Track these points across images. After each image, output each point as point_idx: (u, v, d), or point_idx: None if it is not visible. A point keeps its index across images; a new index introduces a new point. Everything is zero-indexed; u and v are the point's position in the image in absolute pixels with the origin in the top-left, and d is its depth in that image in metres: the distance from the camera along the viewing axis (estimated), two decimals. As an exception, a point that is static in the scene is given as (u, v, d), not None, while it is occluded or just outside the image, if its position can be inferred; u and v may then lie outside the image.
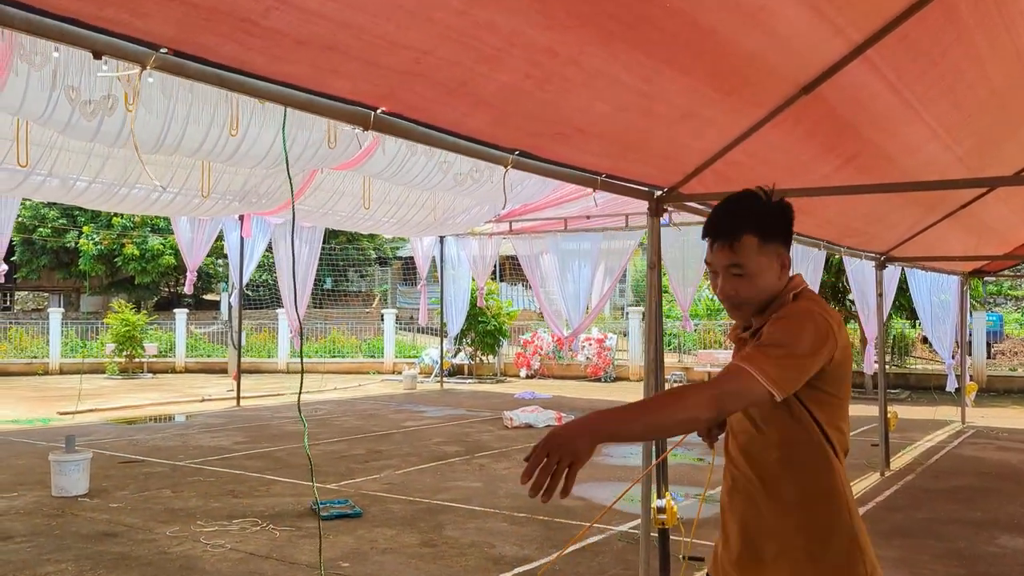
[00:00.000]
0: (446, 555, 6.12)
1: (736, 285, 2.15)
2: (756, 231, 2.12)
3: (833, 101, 4.31)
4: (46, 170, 9.83)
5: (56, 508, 7.46)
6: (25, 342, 24.49)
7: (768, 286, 2.15)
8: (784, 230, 2.19)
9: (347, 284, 34.62)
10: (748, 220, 2.14)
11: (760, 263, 2.13)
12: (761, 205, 2.16)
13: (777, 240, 2.16)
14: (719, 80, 3.52)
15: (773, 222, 2.17)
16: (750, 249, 2.12)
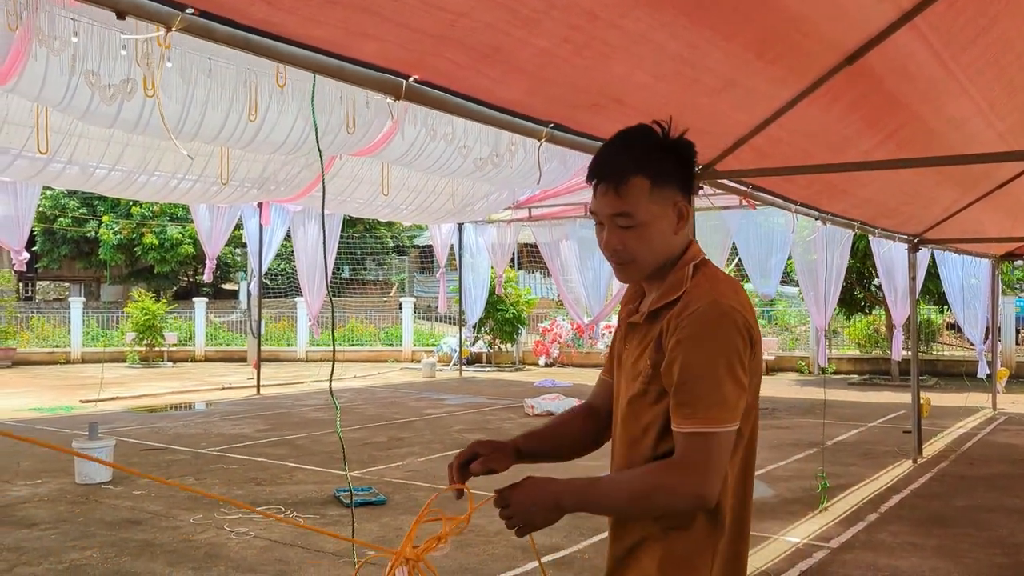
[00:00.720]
0: (473, 543, 6.02)
1: (623, 238, 1.79)
2: (647, 172, 1.75)
3: (878, 71, 4.14)
4: (66, 157, 9.79)
5: (80, 495, 7.42)
6: (47, 331, 24.62)
7: (662, 242, 1.79)
8: (682, 172, 1.81)
9: (365, 273, 34.59)
10: (638, 159, 1.76)
11: (651, 211, 1.77)
12: (655, 141, 1.79)
13: (672, 184, 1.78)
14: (764, 46, 3.36)
15: (668, 161, 1.79)
16: (639, 194, 1.75)
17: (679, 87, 3.54)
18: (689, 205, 1.83)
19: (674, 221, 1.79)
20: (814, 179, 5.51)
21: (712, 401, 1.66)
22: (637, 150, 1.78)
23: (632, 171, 1.75)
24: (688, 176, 1.82)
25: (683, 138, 1.82)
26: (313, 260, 15.65)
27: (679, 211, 1.79)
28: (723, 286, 1.76)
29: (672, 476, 1.67)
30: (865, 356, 21.05)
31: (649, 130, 1.80)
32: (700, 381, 1.67)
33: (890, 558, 5.70)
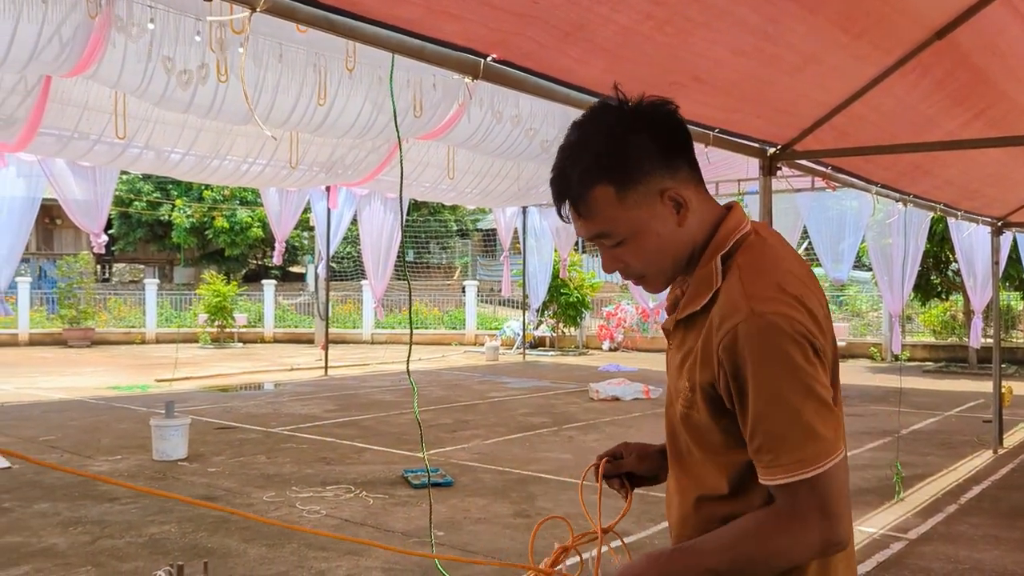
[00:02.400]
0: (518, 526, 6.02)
1: (617, 256, 1.47)
2: (606, 176, 1.38)
3: (967, 48, 3.97)
4: (142, 142, 10.05)
5: (157, 471, 7.65)
6: (123, 312, 25.43)
7: (664, 245, 1.44)
8: (662, 147, 1.41)
9: (429, 256, 34.87)
10: (589, 164, 1.39)
11: (631, 220, 1.41)
12: (607, 126, 1.40)
13: (649, 172, 1.39)
14: (849, 21, 3.24)
15: (635, 145, 1.39)
16: (606, 206, 1.40)
17: (759, 64, 3.45)
18: (688, 184, 1.43)
19: (670, 215, 1.42)
20: (896, 159, 5.33)
21: (795, 442, 1.31)
22: (586, 151, 1.41)
23: (588, 182, 1.39)
24: (673, 146, 1.43)
25: (649, 102, 1.42)
26: (379, 243, 15.81)
27: (672, 200, 1.42)
28: (760, 283, 1.37)
29: (790, 532, 1.33)
30: (941, 343, 20.46)
31: (602, 113, 1.43)
32: (770, 421, 1.32)
33: (971, 551, 5.53)
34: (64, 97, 8.98)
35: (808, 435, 1.31)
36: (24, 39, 6.48)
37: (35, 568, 5.06)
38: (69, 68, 7.13)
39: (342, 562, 5.20)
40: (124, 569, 5.06)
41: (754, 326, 1.33)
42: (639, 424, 10.57)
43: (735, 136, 4.18)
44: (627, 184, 1.39)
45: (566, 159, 1.43)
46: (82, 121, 9.36)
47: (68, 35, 6.62)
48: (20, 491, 6.88)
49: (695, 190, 1.45)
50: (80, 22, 6.59)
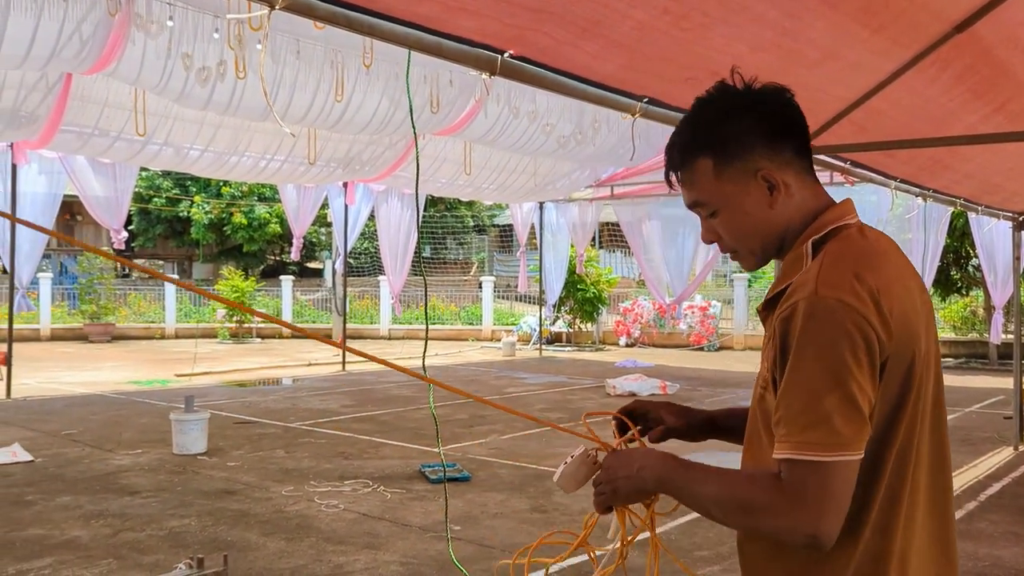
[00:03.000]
0: (557, 521, 6.04)
1: (710, 227, 1.54)
2: (709, 149, 1.46)
3: (988, 41, 3.93)
4: (162, 139, 10.13)
5: (177, 465, 7.72)
6: (143, 308, 25.64)
7: (754, 223, 1.49)
8: (765, 131, 1.46)
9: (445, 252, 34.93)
10: (697, 135, 1.48)
11: (723, 192, 1.47)
12: (720, 105, 1.48)
13: (748, 151, 1.45)
14: (868, 15, 3.23)
15: (740, 125, 1.46)
16: (704, 177, 1.48)
17: (777, 58, 3.43)
18: (788, 170, 1.46)
19: (762, 196, 1.46)
20: (916, 154, 5.29)
21: (807, 422, 1.30)
22: (698, 125, 1.49)
23: (692, 152, 1.49)
24: (778, 131, 1.46)
25: (766, 86, 1.48)
26: (396, 239, 15.87)
27: (766, 181, 1.45)
28: (838, 269, 1.37)
29: (782, 502, 1.33)
30: (961, 339, 20.29)
31: (719, 94, 1.50)
32: (792, 396, 1.33)
33: (991, 548, 5.49)
34: (85, 94, 9.08)
35: (822, 421, 1.30)
36: (45, 37, 6.55)
37: (58, 560, 5.13)
38: (89, 65, 7.21)
39: (360, 556, 5.23)
40: (145, 562, 5.11)
41: (812, 306, 1.33)
42: (656, 420, 10.54)
43: (752, 131, 4.16)
44: (725, 159, 1.46)
45: (679, 131, 1.53)
46: (102, 118, 9.46)
47: (88, 32, 6.68)
48: (43, 484, 6.97)
49: (797, 177, 1.48)
50: (100, 20, 6.66)
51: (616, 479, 1.55)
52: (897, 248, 1.51)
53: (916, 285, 1.47)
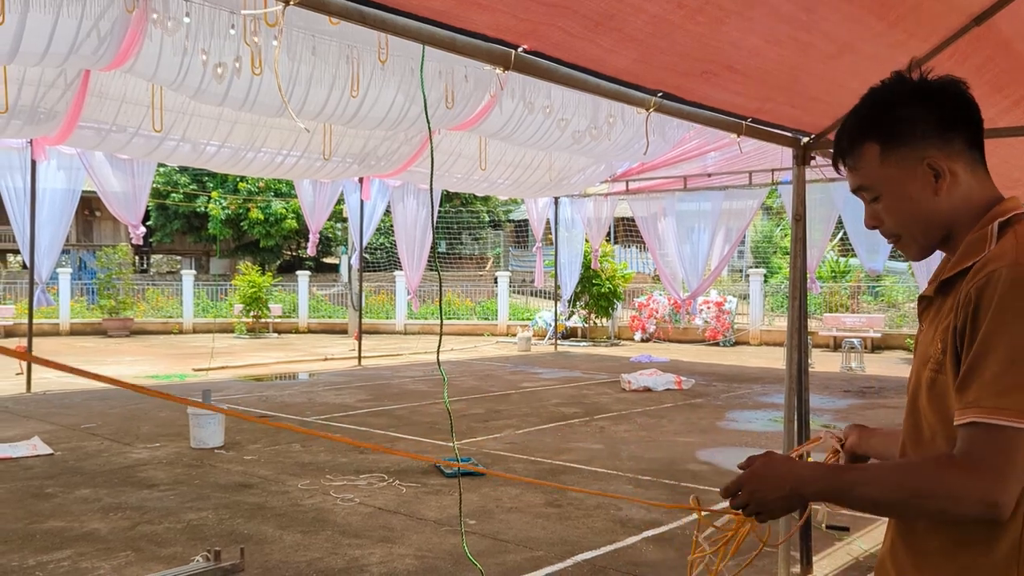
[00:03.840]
0: (572, 516, 6.04)
1: (874, 212, 1.57)
2: (875, 134, 1.51)
3: (1007, 34, 3.89)
4: (179, 135, 10.18)
5: (195, 459, 7.78)
6: (161, 303, 25.83)
7: (918, 210, 1.51)
8: (934, 120, 1.48)
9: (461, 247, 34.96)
10: (863, 121, 1.52)
11: (888, 177, 1.51)
12: (890, 93, 1.51)
13: (915, 139, 1.48)
14: (884, 8, 3.20)
15: (904, 115, 1.48)
16: (870, 162, 1.52)
17: (792, 52, 3.41)
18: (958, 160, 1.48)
19: (927, 182, 1.48)
20: (933, 148, 5.24)
21: (1004, 386, 1.28)
22: (866, 111, 1.53)
23: (859, 138, 1.53)
24: (948, 121, 1.48)
25: (940, 78, 1.51)
26: (412, 234, 15.91)
27: (932, 168, 1.47)
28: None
29: (953, 475, 1.31)
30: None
31: (892, 83, 1.52)
32: (988, 359, 1.30)
33: None
34: (103, 91, 9.14)
35: (1010, 386, 1.28)
36: (64, 33, 6.60)
37: (77, 552, 5.19)
38: (107, 62, 7.26)
39: (375, 549, 5.26)
40: (163, 554, 5.16)
41: (1012, 273, 1.34)
42: (671, 415, 10.54)
43: (768, 125, 4.14)
44: (891, 144, 1.50)
45: (847, 118, 1.56)
46: (120, 114, 9.52)
47: (106, 29, 6.73)
48: (63, 477, 7.04)
49: (966, 168, 1.50)
50: (118, 16, 6.70)
51: (764, 492, 1.50)
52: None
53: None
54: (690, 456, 8.09)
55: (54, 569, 4.90)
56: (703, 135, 12.06)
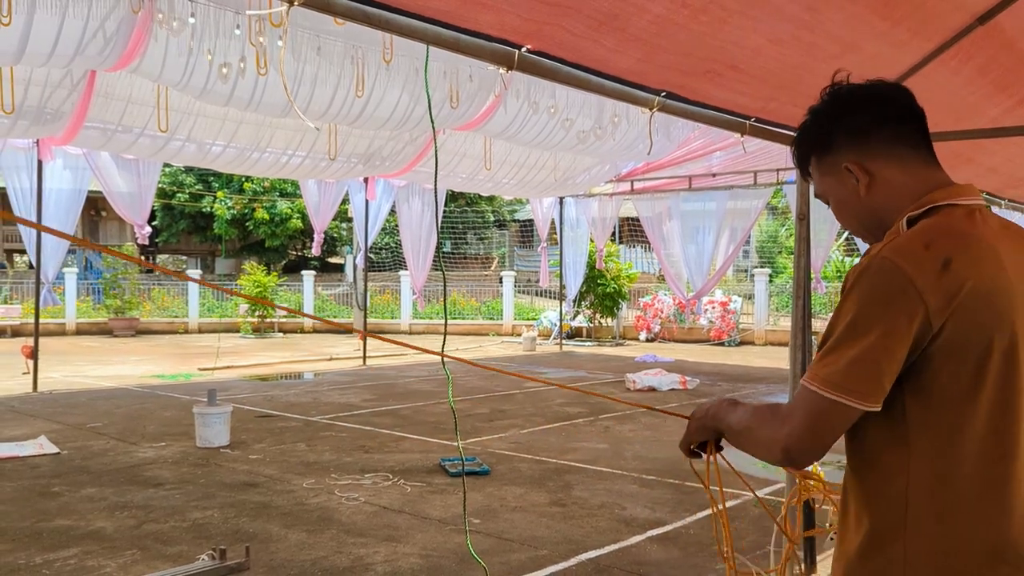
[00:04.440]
0: (576, 515, 6.05)
1: (833, 214, 1.70)
2: (810, 148, 1.64)
3: (1011, 33, 3.89)
4: (184, 135, 10.21)
5: (201, 458, 7.80)
6: (167, 302, 25.89)
7: (855, 210, 1.61)
8: (842, 129, 1.58)
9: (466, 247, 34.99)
10: (803, 136, 1.66)
11: (828, 185, 1.63)
12: (817, 108, 1.62)
13: (833, 148, 1.59)
14: (888, 7, 3.20)
15: (825, 125, 1.60)
16: (815, 172, 1.65)
17: (796, 52, 3.41)
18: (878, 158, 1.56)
19: (853, 184, 1.58)
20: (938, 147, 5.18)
21: (823, 358, 1.44)
22: (804, 126, 1.65)
23: (801, 151, 1.66)
24: (861, 124, 1.57)
25: (860, 84, 1.60)
26: (418, 234, 15.93)
27: (851, 171, 1.57)
28: (914, 238, 1.45)
29: (773, 422, 1.50)
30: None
31: (822, 97, 1.62)
32: (829, 336, 1.46)
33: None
34: (108, 91, 9.17)
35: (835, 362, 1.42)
36: (70, 34, 6.63)
37: (83, 551, 5.21)
38: (113, 62, 7.29)
39: (380, 548, 5.27)
40: (168, 553, 5.18)
41: (870, 263, 1.44)
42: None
43: (772, 125, 4.14)
44: (820, 154, 1.63)
45: (797, 132, 1.70)
46: (126, 115, 9.55)
47: (112, 30, 6.76)
48: (69, 476, 7.07)
49: (889, 165, 1.57)
50: (123, 17, 6.73)
51: (688, 431, 1.84)
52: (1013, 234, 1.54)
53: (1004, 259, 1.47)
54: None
55: (61, 567, 4.92)
56: (708, 135, 12.06)
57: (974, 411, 1.42)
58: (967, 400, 1.42)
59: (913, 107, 1.62)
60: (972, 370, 1.41)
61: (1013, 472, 1.44)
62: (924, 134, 1.62)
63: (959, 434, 1.43)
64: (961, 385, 1.41)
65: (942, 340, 1.39)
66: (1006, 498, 1.43)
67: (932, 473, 1.44)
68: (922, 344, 1.40)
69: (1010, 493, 1.43)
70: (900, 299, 1.39)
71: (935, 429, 1.43)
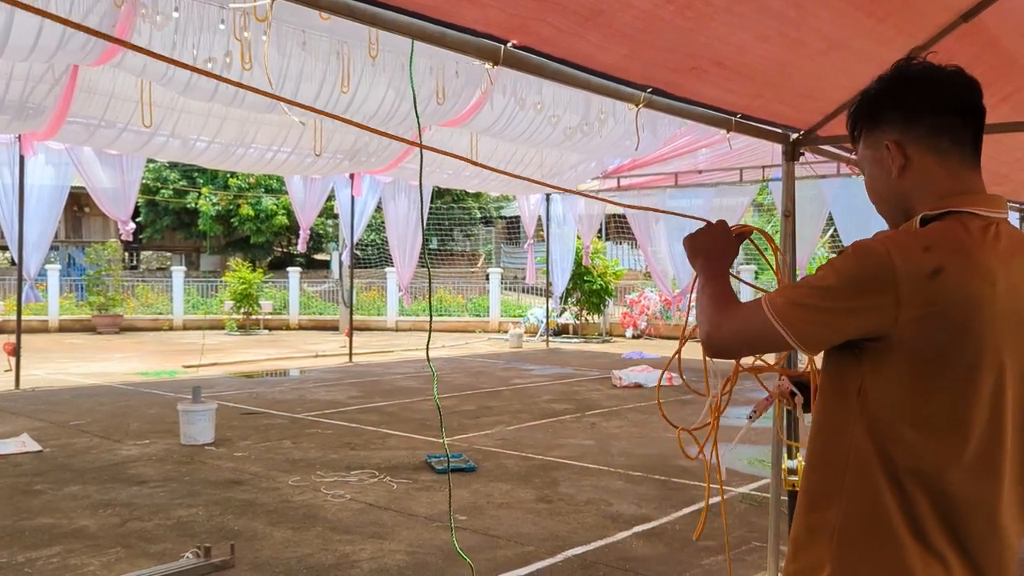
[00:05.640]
0: (562, 511, 6.05)
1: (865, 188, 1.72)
2: (862, 117, 1.63)
3: (994, 31, 3.91)
4: (168, 130, 10.14)
5: (185, 455, 7.76)
6: (151, 299, 25.74)
7: (881, 188, 1.61)
8: (900, 104, 1.56)
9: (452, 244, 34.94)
10: (858, 107, 1.65)
11: (866, 159, 1.63)
12: (877, 82, 1.62)
13: (885, 121, 1.58)
14: (873, 4, 3.21)
15: (880, 101, 1.59)
16: (860, 143, 1.64)
17: (781, 48, 3.42)
18: (919, 144, 1.55)
19: (888, 163, 1.57)
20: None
21: (787, 290, 1.55)
22: (861, 97, 1.65)
23: (853, 120, 1.66)
24: (915, 107, 1.55)
25: (921, 64, 1.59)
26: (404, 231, 15.89)
27: (893, 151, 1.55)
28: (916, 237, 1.48)
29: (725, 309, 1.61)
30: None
31: (887, 71, 1.62)
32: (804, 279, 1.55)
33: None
34: (91, 86, 9.09)
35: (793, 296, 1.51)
36: (52, 28, 6.57)
37: (66, 549, 5.17)
38: (96, 57, 7.23)
39: (366, 545, 5.26)
40: (152, 551, 5.15)
41: (869, 245, 1.48)
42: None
43: (758, 121, 4.15)
44: (868, 127, 1.62)
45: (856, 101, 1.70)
46: (109, 109, 9.47)
47: (94, 24, 6.68)
48: (51, 474, 7.02)
49: (926, 154, 1.56)
50: (106, 11, 6.66)
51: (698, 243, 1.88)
52: (1017, 247, 1.52)
53: (999, 272, 1.47)
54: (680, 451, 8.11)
55: (43, 566, 4.88)
56: (694, 132, 12.09)
57: (937, 416, 1.47)
58: (930, 402, 1.46)
59: (972, 102, 1.59)
60: (933, 375, 1.45)
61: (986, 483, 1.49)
62: (975, 134, 1.59)
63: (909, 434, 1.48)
64: (921, 389, 1.45)
65: (907, 340, 1.43)
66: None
67: (877, 451, 1.49)
68: (884, 331, 1.44)
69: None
70: (879, 289, 1.42)
71: (881, 425, 1.49)
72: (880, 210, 1.66)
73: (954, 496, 1.46)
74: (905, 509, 1.47)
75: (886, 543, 1.47)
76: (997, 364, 1.46)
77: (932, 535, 1.46)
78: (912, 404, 1.46)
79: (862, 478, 1.50)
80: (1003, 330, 1.45)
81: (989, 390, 1.46)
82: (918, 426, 1.46)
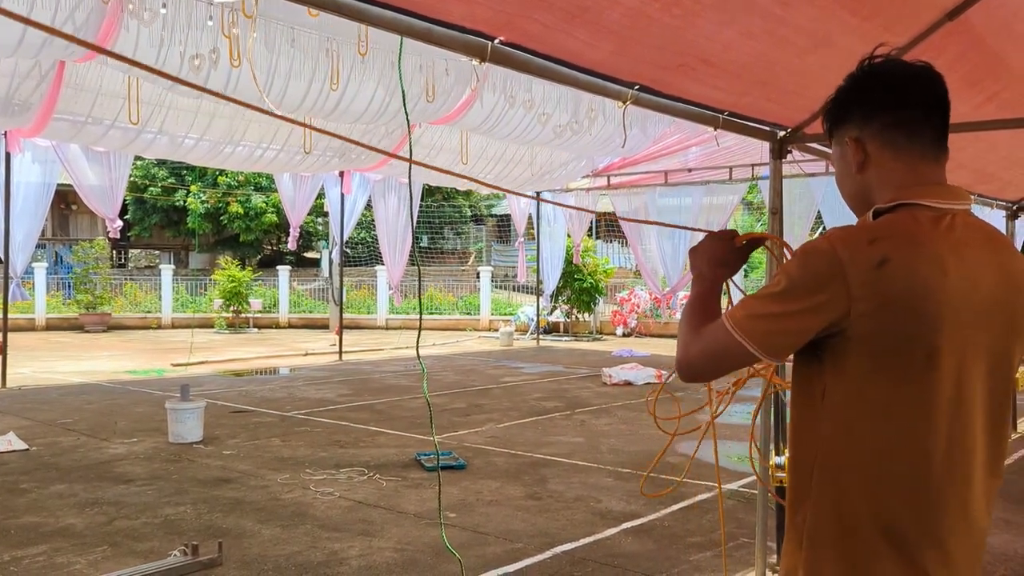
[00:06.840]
0: (552, 508, 6.06)
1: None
2: (829, 116, 1.66)
3: (980, 29, 3.93)
4: (156, 128, 10.10)
5: (173, 454, 7.73)
6: (139, 297, 25.62)
7: (849, 189, 1.64)
8: (855, 104, 1.59)
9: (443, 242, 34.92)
10: (829, 104, 1.67)
11: (834, 155, 1.66)
12: (845, 80, 1.63)
13: (845, 121, 1.61)
14: (859, 2, 3.22)
15: (844, 98, 1.61)
16: (832, 138, 1.67)
17: (768, 46, 3.43)
18: (877, 140, 1.56)
19: (849, 159, 1.59)
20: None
21: (744, 304, 1.56)
22: (837, 89, 1.65)
23: (825, 119, 1.68)
24: (874, 103, 1.56)
25: (884, 61, 1.59)
26: (394, 229, 15.87)
27: (852, 147, 1.58)
28: (862, 231, 1.50)
29: (697, 333, 1.61)
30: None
31: (857, 66, 1.62)
32: (760, 289, 1.59)
33: (982, 535, 5.52)
34: (78, 82, 9.05)
35: (751, 308, 1.53)
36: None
37: (52, 547, 5.15)
38: (82, 53, 7.19)
39: (355, 543, 5.25)
40: (140, 549, 5.13)
41: (814, 244, 1.50)
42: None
43: (745, 119, 4.16)
44: (835, 124, 1.64)
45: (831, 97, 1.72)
46: (96, 106, 9.43)
47: (81, 20, 6.66)
48: (38, 473, 6.98)
49: (883, 149, 1.57)
50: (93, 7, 6.64)
51: (696, 256, 1.84)
52: (984, 242, 1.53)
53: (989, 282, 1.49)
54: (669, 449, 8.12)
55: (29, 564, 4.86)
56: (683, 130, 12.11)
57: (899, 408, 1.48)
58: (891, 395, 1.47)
59: (934, 96, 1.59)
60: (891, 366, 1.46)
61: (931, 471, 1.48)
62: (936, 127, 1.58)
63: (879, 422, 1.49)
64: (882, 382, 1.47)
65: (862, 334, 1.45)
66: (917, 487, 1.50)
67: (841, 450, 1.52)
68: (839, 326, 1.46)
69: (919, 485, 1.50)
70: (828, 284, 1.44)
71: (847, 423, 1.50)
72: (849, 206, 1.68)
73: (926, 490, 1.46)
74: (874, 508, 1.47)
75: (854, 544, 1.48)
76: (958, 352, 1.46)
77: (904, 533, 1.46)
78: (876, 398, 1.47)
79: (829, 479, 1.51)
80: (962, 319, 1.46)
81: (952, 380, 1.46)
82: (885, 419, 1.47)
